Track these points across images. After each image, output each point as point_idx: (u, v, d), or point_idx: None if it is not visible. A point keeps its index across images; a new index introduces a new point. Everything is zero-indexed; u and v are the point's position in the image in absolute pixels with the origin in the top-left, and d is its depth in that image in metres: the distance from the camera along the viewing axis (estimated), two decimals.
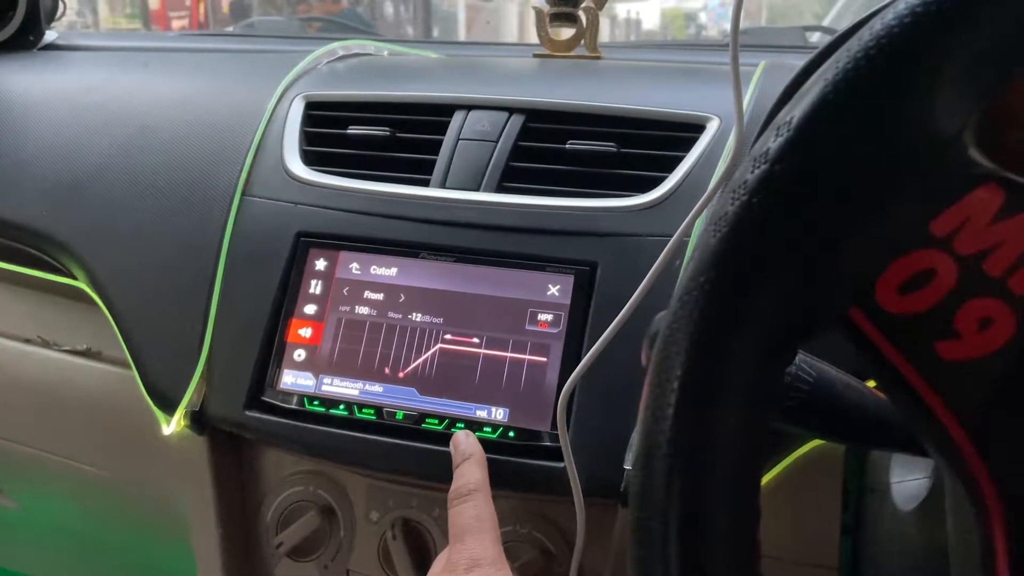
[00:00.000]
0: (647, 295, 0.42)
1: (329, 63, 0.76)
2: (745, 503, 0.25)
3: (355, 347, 0.56)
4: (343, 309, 0.57)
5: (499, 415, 0.53)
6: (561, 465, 0.49)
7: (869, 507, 0.53)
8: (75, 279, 0.68)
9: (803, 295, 0.24)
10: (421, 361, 0.55)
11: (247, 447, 0.62)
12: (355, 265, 0.58)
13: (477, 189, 0.59)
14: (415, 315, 0.56)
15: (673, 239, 0.40)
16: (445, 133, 0.62)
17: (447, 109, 0.63)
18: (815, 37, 1.40)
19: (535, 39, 0.82)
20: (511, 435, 0.52)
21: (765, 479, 0.51)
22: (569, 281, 0.54)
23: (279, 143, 0.64)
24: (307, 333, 0.57)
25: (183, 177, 0.65)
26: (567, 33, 0.80)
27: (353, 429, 0.55)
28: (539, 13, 0.80)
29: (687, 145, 0.57)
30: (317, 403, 0.56)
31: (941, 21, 0.22)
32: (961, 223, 0.23)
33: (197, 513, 0.63)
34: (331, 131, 0.65)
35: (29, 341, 0.75)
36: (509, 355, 0.54)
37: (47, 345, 0.74)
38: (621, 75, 0.71)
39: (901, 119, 0.23)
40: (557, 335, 0.53)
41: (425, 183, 0.60)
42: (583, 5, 0.79)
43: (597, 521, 0.51)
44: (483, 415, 0.53)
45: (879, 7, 0.25)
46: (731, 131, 0.56)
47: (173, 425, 0.58)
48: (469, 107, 0.62)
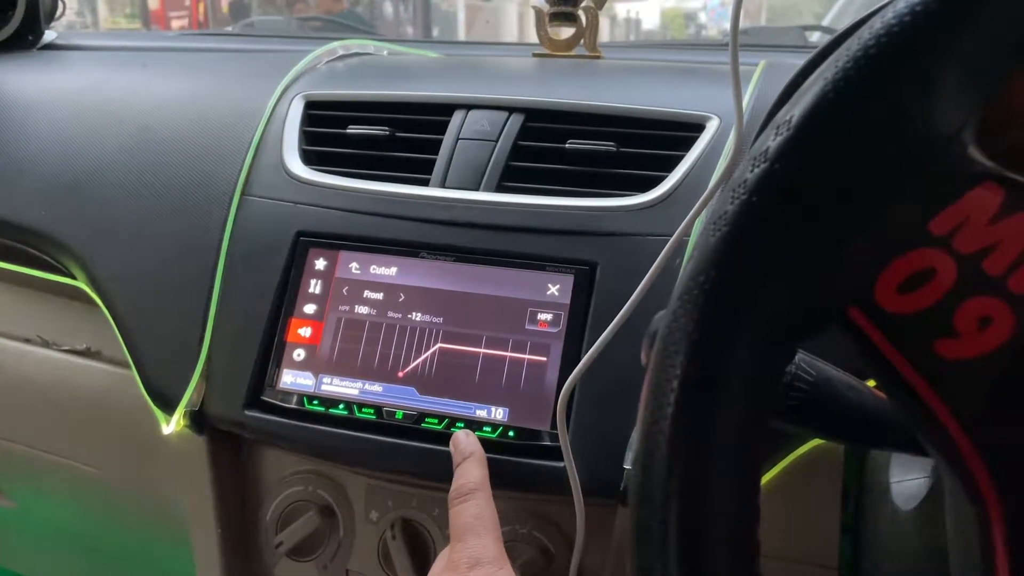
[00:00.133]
0: (647, 294, 0.42)
1: (329, 63, 0.76)
2: (745, 503, 0.25)
3: (355, 347, 0.56)
4: (343, 309, 0.57)
5: (499, 415, 0.53)
6: (561, 465, 0.49)
7: (869, 507, 0.53)
8: (75, 279, 0.68)
9: (802, 294, 0.24)
10: (421, 361, 0.55)
11: (247, 447, 0.62)
12: (355, 265, 0.58)
13: (477, 189, 0.59)
14: (415, 315, 0.56)
15: (673, 238, 0.40)
16: (445, 133, 0.62)
17: (447, 109, 0.63)
18: (815, 37, 1.40)
19: (535, 39, 0.82)
20: (511, 435, 0.52)
21: (765, 479, 0.51)
22: (569, 281, 0.54)
23: (279, 143, 0.64)
24: (307, 333, 0.57)
25: (183, 177, 0.65)
26: (567, 33, 0.80)
27: (353, 429, 0.55)
28: (539, 13, 0.80)
29: (687, 144, 0.57)
30: (317, 403, 0.56)
31: (941, 20, 0.22)
32: (960, 222, 0.23)
33: (197, 513, 0.63)
34: (331, 131, 0.65)
35: (29, 341, 0.75)
36: (509, 355, 0.54)
37: (47, 345, 0.74)
38: (621, 75, 0.71)
39: (901, 118, 0.23)
40: (557, 335, 0.53)
41: (425, 183, 0.60)
42: (583, 5, 0.79)
43: (597, 521, 0.51)
44: (483, 415, 0.53)
45: (879, 6, 0.25)
46: (731, 130, 0.56)
47: (173, 425, 0.58)
48: (469, 107, 0.62)
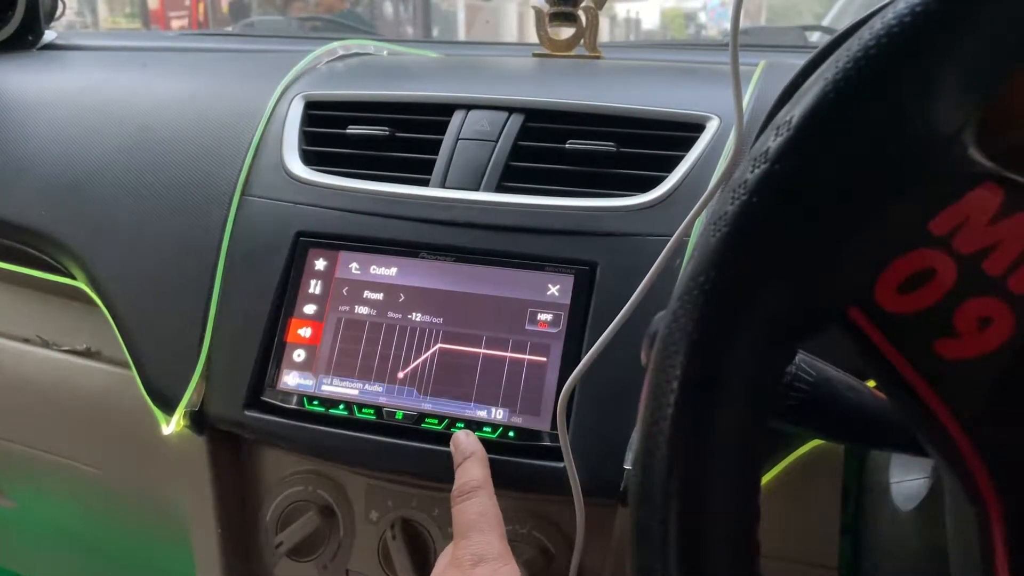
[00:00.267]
0: (647, 295, 0.42)
1: (328, 63, 0.76)
2: (745, 503, 0.25)
3: (355, 347, 0.56)
4: (343, 309, 0.57)
5: (499, 415, 0.53)
6: (561, 465, 0.49)
7: (869, 507, 0.53)
8: (75, 279, 0.68)
9: (803, 295, 0.24)
10: (421, 361, 0.55)
11: (247, 447, 0.62)
12: (355, 265, 0.58)
13: (477, 189, 0.59)
14: (415, 315, 0.56)
15: (673, 239, 0.40)
16: (445, 133, 0.61)
17: (447, 109, 0.63)
18: (815, 37, 1.40)
19: (535, 39, 0.82)
20: (511, 435, 0.52)
21: (765, 479, 0.51)
22: (569, 281, 0.54)
23: (278, 143, 0.64)
24: (307, 333, 0.57)
25: (183, 177, 0.65)
26: (567, 33, 0.80)
27: (353, 429, 0.55)
28: (539, 13, 0.80)
29: (687, 145, 0.57)
30: (317, 403, 0.56)
31: (941, 21, 0.22)
32: (960, 222, 0.23)
33: (196, 513, 0.63)
34: (331, 131, 0.65)
35: (28, 341, 0.75)
36: (509, 355, 0.54)
37: (46, 345, 0.74)
38: (621, 75, 0.71)
39: (901, 118, 0.23)
40: (557, 335, 0.53)
41: (425, 183, 0.60)
42: (582, 5, 0.79)
43: (597, 521, 0.51)
44: (483, 415, 0.53)
45: (879, 7, 0.25)
46: (731, 130, 0.56)
47: (173, 425, 0.58)
48: (469, 107, 0.62)
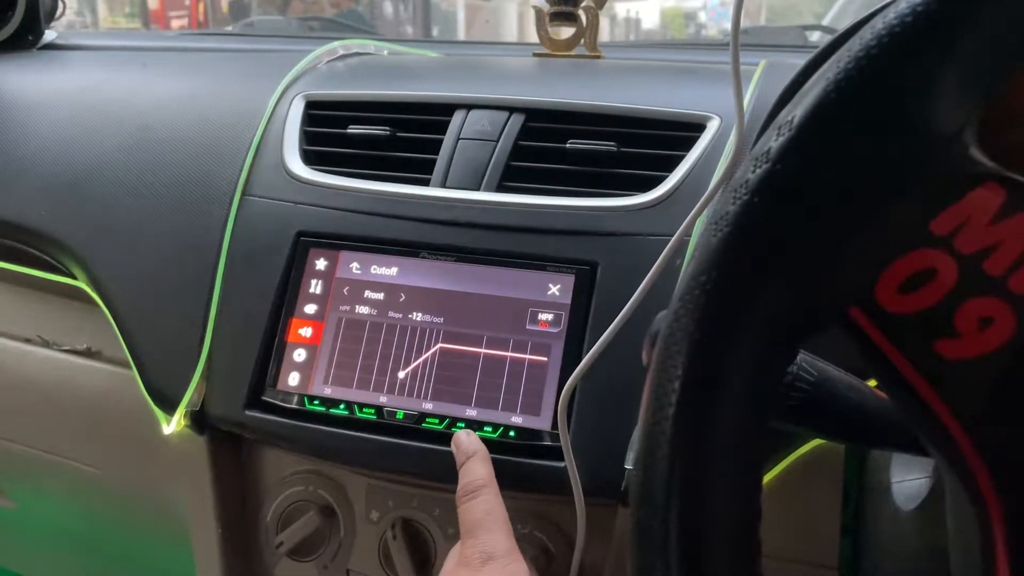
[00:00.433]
0: (648, 294, 0.42)
1: (329, 62, 0.76)
2: (746, 503, 0.25)
3: (355, 347, 0.56)
4: (343, 309, 0.57)
5: (499, 415, 0.53)
6: (562, 465, 0.49)
7: (869, 507, 0.53)
8: (75, 279, 0.68)
9: (804, 295, 0.24)
10: (421, 361, 0.55)
11: (247, 447, 0.62)
12: (355, 265, 0.58)
13: (477, 189, 0.59)
14: (415, 315, 0.56)
15: (674, 239, 0.40)
16: (445, 132, 0.61)
17: (447, 108, 0.63)
18: (815, 36, 1.40)
19: (535, 38, 0.82)
20: (511, 435, 0.52)
21: (765, 479, 0.50)
22: (570, 281, 0.54)
23: (279, 142, 0.64)
24: (307, 333, 0.57)
25: (183, 177, 0.65)
26: (567, 32, 0.80)
27: (353, 429, 0.55)
28: (539, 12, 0.80)
29: (688, 144, 0.57)
30: (317, 403, 0.56)
31: (942, 20, 0.22)
32: (961, 222, 0.23)
33: (197, 513, 0.63)
34: (331, 130, 0.65)
35: (29, 341, 0.75)
36: (510, 355, 0.54)
37: (47, 345, 0.74)
38: (621, 74, 0.71)
39: (902, 118, 0.23)
40: (558, 335, 0.53)
41: (425, 183, 0.60)
42: (583, 4, 0.79)
43: (597, 521, 0.51)
44: (484, 415, 0.53)
45: (880, 6, 0.25)
46: (732, 130, 0.56)
47: (173, 425, 0.58)
48: (469, 106, 0.62)
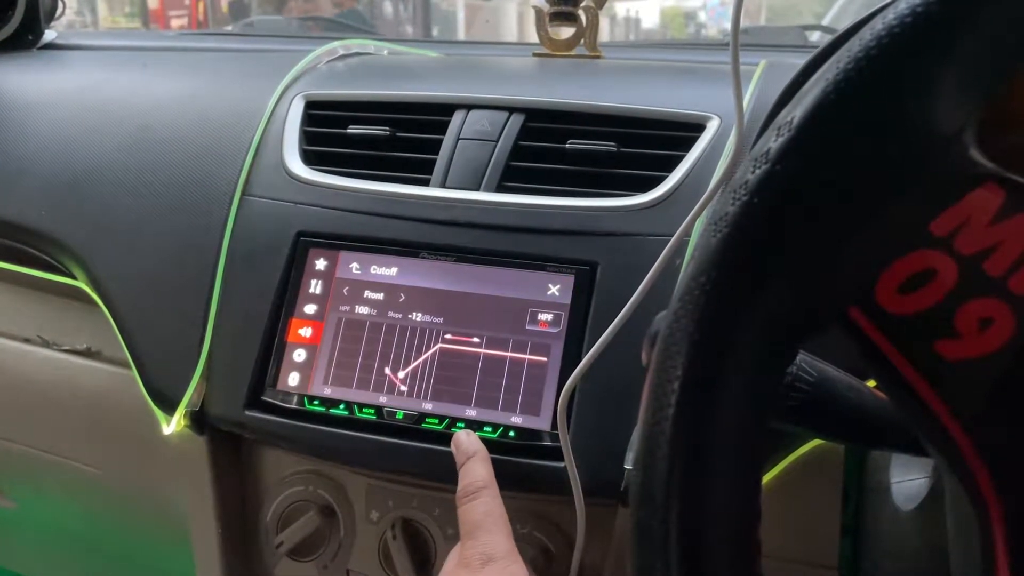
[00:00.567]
0: (647, 295, 0.42)
1: (329, 62, 0.76)
2: (746, 503, 0.25)
3: (355, 347, 0.56)
4: (343, 309, 0.57)
5: (499, 415, 0.53)
6: (561, 465, 0.49)
7: (869, 507, 0.53)
8: (75, 279, 0.68)
9: (804, 295, 0.24)
10: (421, 361, 0.55)
11: (247, 447, 0.62)
12: (355, 265, 0.58)
13: (477, 189, 0.59)
14: (415, 315, 0.56)
15: (673, 239, 0.40)
16: (445, 133, 0.61)
17: (447, 108, 0.63)
18: (815, 36, 1.40)
19: (535, 38, 0.82)
20: (511, 435, 0.52)
21: (765, 479, 0.51)
22: (569, 281, 0.54)
23: (279, 142, 0.64)
24: (307, 333, 0.57)
25: (183, 177, 0.65)
26: (567, 32, 0.80)
27: (353, 429, 0.55)
28: (539, 12, 0.80)
29: (687, 144, 0.57)
30: (317, 403, 0.56)
31: (942, 21, 0.22)
32: (961, 223, 0.23)
33: (197, 513, 0.63)
34: (331, 130, 0.65)
35: (29, 341, 0.75)
36: (509, 355, 0.54)
37: (47, 345, 0.74)
38: (621, 74, 0.71)
39: (902, 119, 0.23)
40: (557, 335, 0.53)
41: (425, 183, 0.60)
42: (583, 4, 0.79)
43: (597, 521, 0.51)
44: (483, 415, 0.53)
45: (880, 6, 0.25)
46: (731, 130, 0.56)
47: (173, 425, 0.58)
48: (469, 106, 0.62)
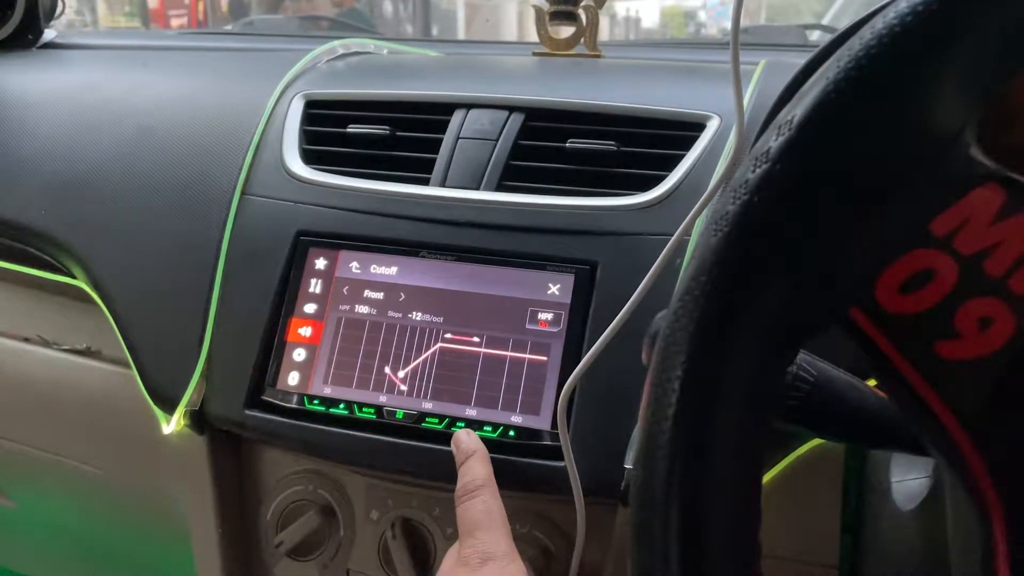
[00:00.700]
0: (648, 294, 0.42)
1: (328, 62, 0.76)
2: (746, 503, 0.25)
3: (355, 346, 0.56)
4: (343, 308, 0.57)
5: (499, 414, 0.53)
6: (561, 464, 0.49)
7: (869, 507, 0.53)
8: (75, 278, 0.67)
9: (804, 295, 0.24)
10: (421, 360, 0.55)
11: (247, 446, 0.62)
12: (355, 264, 0.58)
13: (477, 188, 0.59)
14: (415, 314, 0.56)
15: (674, 238, 0.40)
16: (445, 132, 0.61)
17: (447, 108, 0.63)
18: (815, 35, 1.40)
19: (535, 38, 0.82)
20: (511, 434, 0.52)
21: (765, 479, 0.50)
22: (569, 280, 0.54)
23: (279, 142, 0.64)
24: (307, 332, 0.57)
25: (183, 176, 0.64)
26: (567, 31, 0.80)
27: (353, 428, 0.55)
28: (539, 11, 0.80)
29: (687, 144, 0.57)
30: (317, 402, 0.56)
31: (942, 20, 0.22)
32: (961, 223, 0.23)
33: (197, 513, 0.63)
34: (331, 130, 0.65)
35: (29, 340, 0.75)
36: (509, 354, 0.54)
37: (47, 344, 0.74)
38: (621, 74, 0.71)
39: (902, 118, 0.23)
40: (557, 334, 0.53)
41: (425, 182, 0.60)
42: (583, 3, 0.79)
43: (597, 520, 0.51)
44: (483, 414, 0.53)
45: (880, 5, 0.25)
46: (731, 130, 0.56)
47: (173, 424, 0.58)
48: (469, 106, 0.62)
